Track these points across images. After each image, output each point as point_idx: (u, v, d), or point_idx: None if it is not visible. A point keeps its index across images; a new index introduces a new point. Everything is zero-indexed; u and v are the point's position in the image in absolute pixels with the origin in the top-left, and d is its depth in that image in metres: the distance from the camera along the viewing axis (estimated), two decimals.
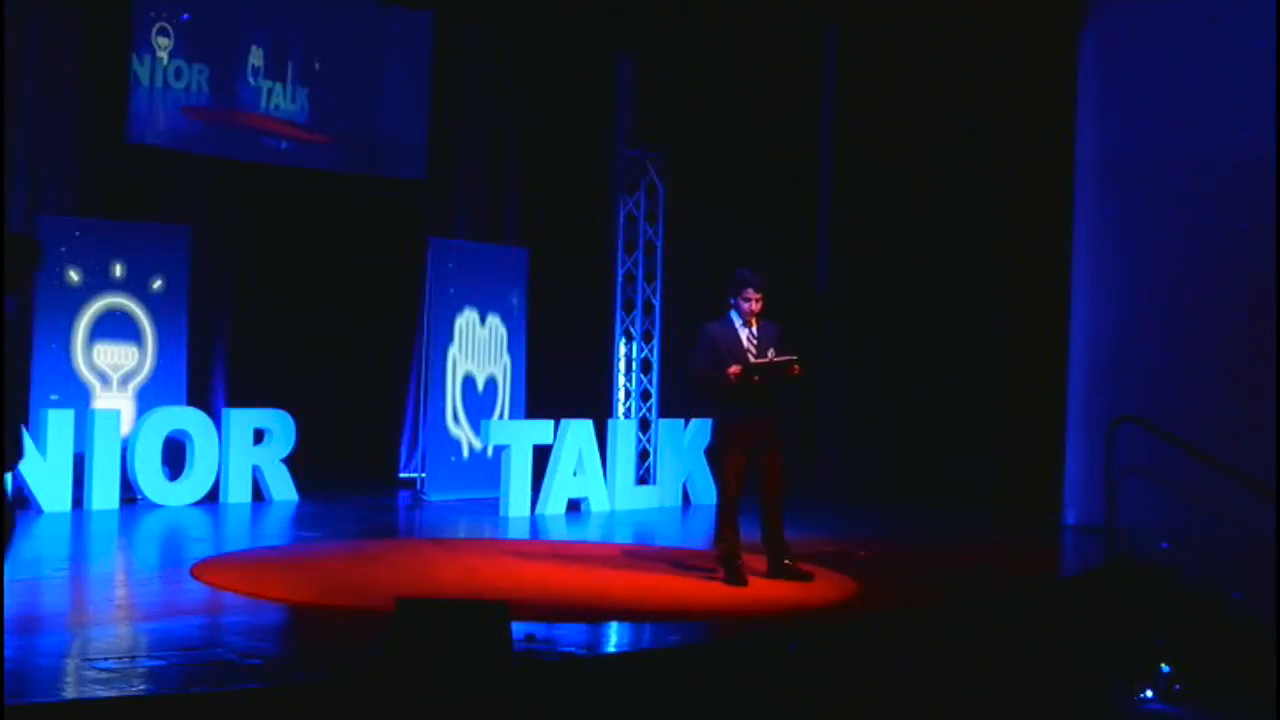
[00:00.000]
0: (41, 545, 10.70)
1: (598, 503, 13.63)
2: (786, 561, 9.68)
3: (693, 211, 15.17)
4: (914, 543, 12.32)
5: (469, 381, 14.40)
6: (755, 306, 9.56)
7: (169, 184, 13.83)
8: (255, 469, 13.30)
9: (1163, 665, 8.90)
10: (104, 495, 12.35)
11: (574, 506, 13.51)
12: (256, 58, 13.92)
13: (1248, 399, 13.08)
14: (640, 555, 10.93)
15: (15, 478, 11.75)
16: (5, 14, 12.11)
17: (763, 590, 9.37)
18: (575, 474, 13.46)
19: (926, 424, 14.76)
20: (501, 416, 14.62)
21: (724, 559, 9.58)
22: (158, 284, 13.26)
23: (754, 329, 9.61)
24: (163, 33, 13.32)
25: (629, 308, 14.97)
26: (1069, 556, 12.63)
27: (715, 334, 9.59)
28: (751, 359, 9.49)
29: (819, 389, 15.49)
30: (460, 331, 14.32)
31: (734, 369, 9.40)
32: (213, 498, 13.01)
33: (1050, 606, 10.08)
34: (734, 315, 9.63)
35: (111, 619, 8.13)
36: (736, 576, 9.45)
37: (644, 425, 14.74)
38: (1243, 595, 10.58)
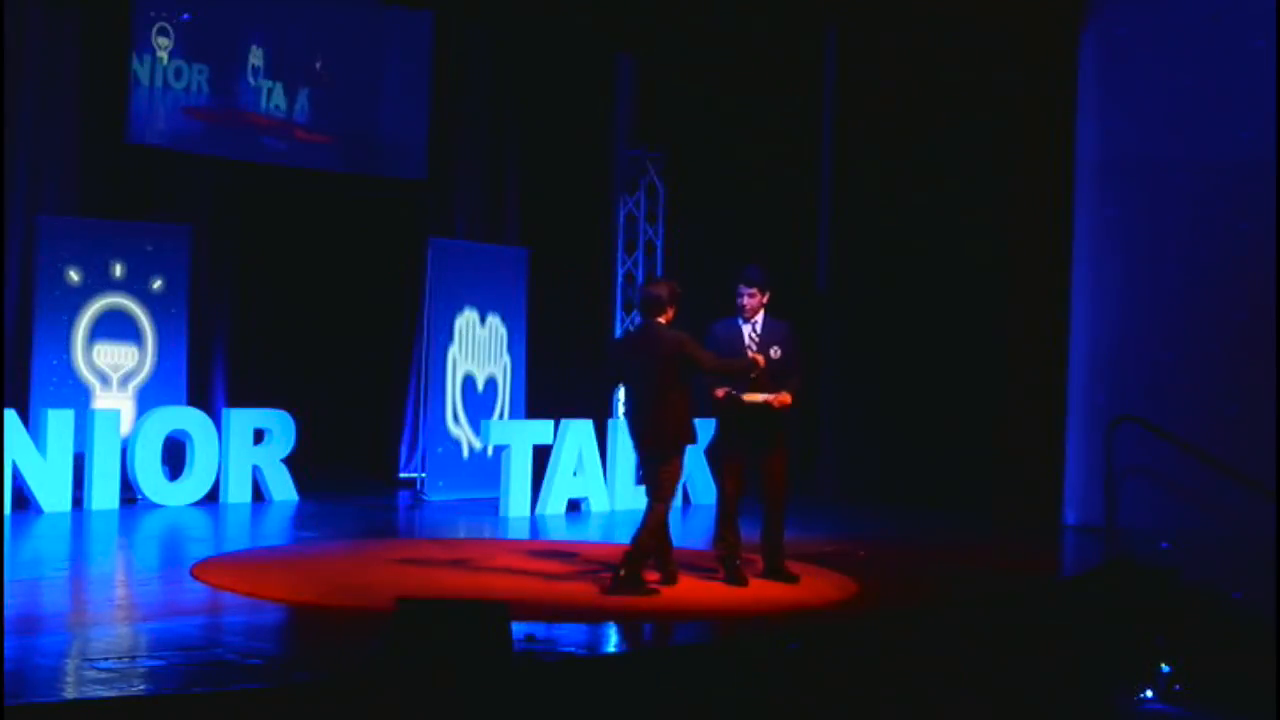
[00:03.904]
0: (41, 545, 10.70)
1: (598, 503, 13.63)
2: (778, 563, 9.71)
3: (693, 211, 15.17)
4: (914, 543, 12.32)
5: (469, 381, 14.40)
6: (746, 301, 9.61)
7: (169, 184, 13.83)
8: (255, 469, 13.30)
9: (1163, 665, 8.90)
10: (104, 495, 12.35)
11: (574, 506, 13.50)
12: (256, 58, 13.92)
13: (1248, 399, 13.08)
14: None
15: (15, 478, 11.77)
16: (5, 14, 12.11)
17: (763, 590, 9.37)
18: (575, 474, 13.46)
19: (926, 424, 14.75)
20: (501, 416, 14.61)
21: (723, 559, 9.59)
22: (158, 284, 13.26)
23: (756, 326, 9.63)
24: (163, 33, 13.32)
25: (629, 308, 14.97)
26: (1069, 556, 12.63)
27: (718, 332, 9.66)
28: (751, 354, 9.55)
29: (819, 389, 15.48)
30: (460, 331, 14.33)
31: (719, 392, 9.49)
32: (213, 498, 13.01)
33: (1050, 606, 10.08)
34: None
35: (111, 619, 8.13)
36: (736, 576, 9.47)
37: None
38: (1243, 595, 10.58)
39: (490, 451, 13.57)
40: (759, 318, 9.65)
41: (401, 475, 15.03)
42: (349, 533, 12.04)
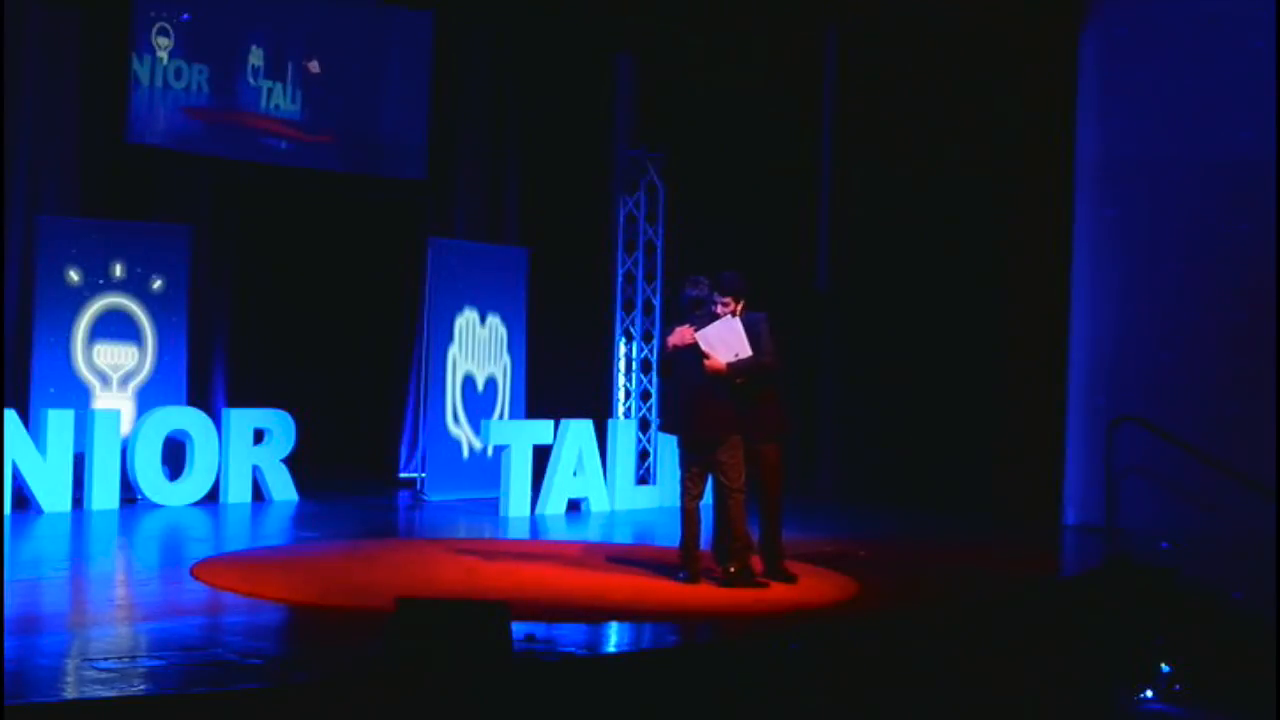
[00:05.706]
0: (41, 545, 10.71)
1: (598, 503, 13.63)
2: (777, 564, 9.69)
3: (693, 211, 15.17)
4: (914, 543, 12.32)
5: (469, 381, 14.40)
6: (719, 310, 9.62)
7: (169, 184, 13.83)
8: (255, 469, 13.30)
9: (1163, 665, 8.89)
10: (104, 495, 12.35)
11: (574, 506, 13.51)
12: (256, 58, 13.92)
13: (1248, 399, 13.08)
14: (640, 555, 10.92)
15: (15, 478, 11.77)
16: (5, 14, 12.11)
17: (763, 590, 9.36)
18: (575, 474, 13.46)
19: (926, 424, 14.76)
20: (501, 416, 14.61)
21: (737, 556, 9.57)
22: (158, 284, 13.26)
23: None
24: (163, 33, 13.32)
25: (629, 308, 14.98)
26: (1069, 556, 12.63)
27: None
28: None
29: (819, 389, 15.49)
30: (460, 331, 14.33)
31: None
32: (213, 498, 13.01)
33: (1050, 606, 10.08)
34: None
35: (111, 619, 8.13)
36: (749, 577, 9.41)
37: (644, 425, 14.74)
38: (1243, 595, 10.57)
39: (490, 451, 13.57)
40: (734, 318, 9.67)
41: (401, 475, 15.03)
42: (349, 533, 12.04)
